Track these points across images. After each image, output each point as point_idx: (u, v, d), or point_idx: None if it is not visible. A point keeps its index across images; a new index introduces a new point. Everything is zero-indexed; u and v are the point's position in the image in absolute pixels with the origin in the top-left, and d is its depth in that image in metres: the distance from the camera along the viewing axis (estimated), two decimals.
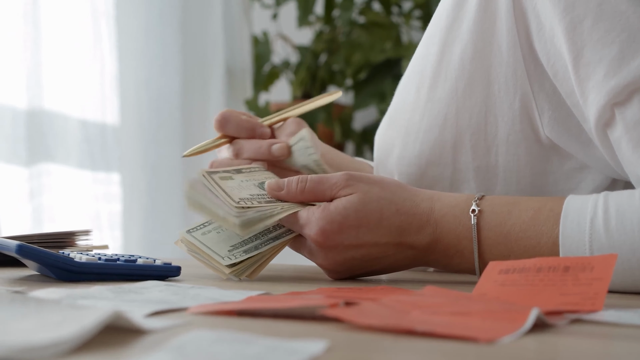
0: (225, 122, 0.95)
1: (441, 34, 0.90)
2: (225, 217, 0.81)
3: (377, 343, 0.47)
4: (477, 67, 0.86)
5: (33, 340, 0.41)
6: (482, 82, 0.86)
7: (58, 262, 0.77)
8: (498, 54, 0.85)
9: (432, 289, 0.64)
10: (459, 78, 0.87)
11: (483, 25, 0.86)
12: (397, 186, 0.81)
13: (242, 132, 0.95)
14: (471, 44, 0.86)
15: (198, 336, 0.45)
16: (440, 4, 0.94)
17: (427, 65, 0.91)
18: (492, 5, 0.85)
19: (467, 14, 0.87)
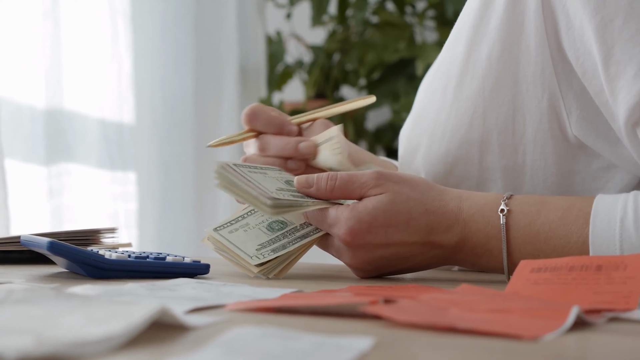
0: (254, 116, 0.95)
1: (468, 33, 0.90)
2: (257, 197, 0.80)
3: (420, 340, 0.47)
4: (505, 66, 0.86)
5: (84, 335, 0.42)
6: (510, 81, 0.86)
7: (89, 259, 0.77)
8: (526, 53, 0.85)
9: (467, 287, 0.64)
10: (486, 77, 0.88)
11: (511, 24, 0.86)
12: (426, 185, 0.81)
13: (270, 128, 0.96)
14: (499, 42, 0.87)
15: (244, 332, 0.46)
16: (467, 3, 0.94)
17: (454, 64, 0.91)
18: (521, 4, 0.85)
19: (495, 13, 0.87)
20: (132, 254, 0.81)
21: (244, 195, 0.82)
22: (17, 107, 1.68)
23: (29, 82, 1.70)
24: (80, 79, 1.81)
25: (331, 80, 2.39)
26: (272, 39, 2.40)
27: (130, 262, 0.79)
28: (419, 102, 0.99)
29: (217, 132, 2.20)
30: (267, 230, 0.84)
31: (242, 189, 0.82)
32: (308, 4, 2.46)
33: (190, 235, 2.13)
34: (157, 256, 0.81)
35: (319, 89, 2.41)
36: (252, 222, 0.86)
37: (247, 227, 0.85)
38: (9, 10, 1.64)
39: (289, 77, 2.41)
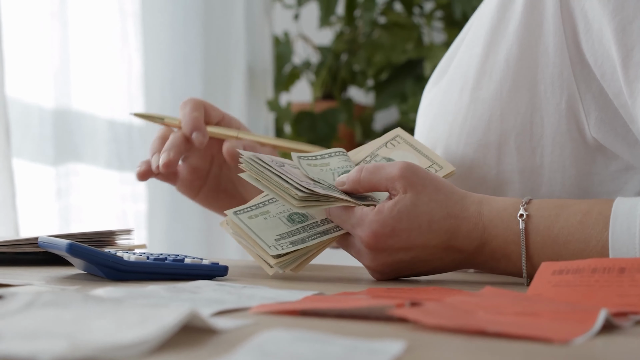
0: (184, 106, 0.97)
1: (485, 35, 0.90)
2: (283, 185, 0.80)
3: (452, 343, 0.47)
4: (523, 68, 0.86)
5: (118, 339, 0.41)
6: (528, 83, 0.86)
7: (108, 261, 0.77)
8: (544, 55, 0.85)
9: (492, 290, 0.64)
10: (504, 79, 0.87)
11: (529, 27, 0.86)
12: (449, 188, 0.81)
13: (185, 127, 0.97)
14: (517, 45, 0.87)
15: (275, 336, 0.46)
16: (483, 6, 0.94)
17: (471, 66, 0.91)
18: (539, 7, 0.85)
19: (513, 15, 0.87)
20: (150, 256, 0.81)
21: (271, 186, 0.81)
22: (25, 107, 1.68)
23: (38, 82, 1.70)
24: (90, 80, 1.81)
25: (338, 81, 2.39)
26: (279, 40, 2.40)
27: (149, 264, 0.79)
28: (435, 105, 0.98)
29: None
30: (287, 221, 0.83)
31: (272, 179, 0.81)
32: (315, 5, 2.45)
33: (200, 236, 2.12)
34: (175, 258, 0.81)
35: (327, 89, 2.40)
36: (273, 211, 0.85)
37: (268, 214, 0.84)
38: (17, 10, 1.63)
39: (297, 78, 2.41)
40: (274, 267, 0.81)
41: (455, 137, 0.91)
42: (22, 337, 0.42)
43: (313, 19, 2.45)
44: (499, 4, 0.89)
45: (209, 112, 0.98)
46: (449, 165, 0.88)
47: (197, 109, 0.96)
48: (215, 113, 0.99)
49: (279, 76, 2.38)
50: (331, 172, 0.86)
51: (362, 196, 0.83)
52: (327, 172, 0.86)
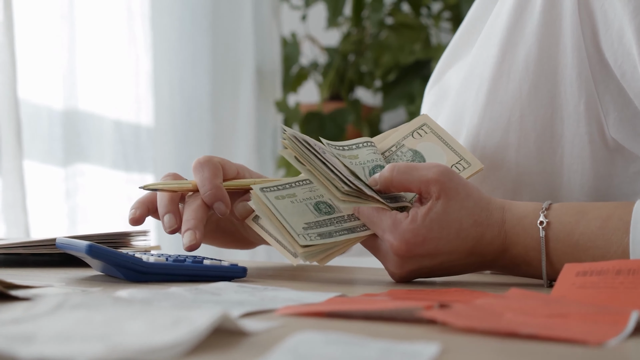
0: (199, 168, 0.88)
1: (502, 36, 0.89)
2: (330, 175, 0.78)
3: (484, 345, 0.47)
4: (543, 68, 0.86)
5: (153, 341, 0.41)
6: (548, 84, 0.86)
7: (127, 262, 0.77)
8: (564, 56, 0.84)
9: (517, 292, 0.63)
10: (523, 80, 0.87)
11: (548, 27, 0.85)
12: (478, 194, 0.79)
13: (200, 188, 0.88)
14: (536, 45, 0.86)
15: (308, 338, 0.45)
16: (499, 5, 0.93)
17: (486, 67, 0.90)
18: (558, 6, 0.85)
19: (531, 16, 0.87)
20: (169, 257, 0.81)
21: (315, 172, 0.79)
22: (35, 108, 1.68)
23: (48, 83, 1.70)
24: (97, 81, 1.81)
25: (346, 81, 2.39)
26: (286, 41, 2.40)
27: (168, 265, 0.79)
28: (451, 106, 0.97)
29: (233, 133, 2.20)
30: (314, 210, 0.81)
31: (317, 164, 0.79)
32: (322, 6, 2.45)
33: None
34: (194, 259, 0.81)
35: (334, 90, 2.40)
36: (300, 195, 0.82)
37: (294, 198, 0.82)
38: (27, 12, 1.63)
39: (304, 79, 2.41)
40: (298, 256, 0.79)
41: (472, 140, 0.91)
42: (55, 339, 0.42)
43: (320, 20, 2.45)
44: (514, 4, 0.89)
45: (226, 171, 0.90)
46: (477, 162, 0.86)
47: (216, 175, 0.87)
48: (230, 170, 0.90)
49: (287, 77, 2.38)
50: (361, 166, 0.84)
51: (392, 195, 0.82)
52: (357, 165, 0.84)
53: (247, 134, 2.21)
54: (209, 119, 2.14)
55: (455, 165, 0.85)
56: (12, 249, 0.92)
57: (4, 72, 1.48)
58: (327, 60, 2.41)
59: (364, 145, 0.87)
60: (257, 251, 2.20)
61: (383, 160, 0.86)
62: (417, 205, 0.79)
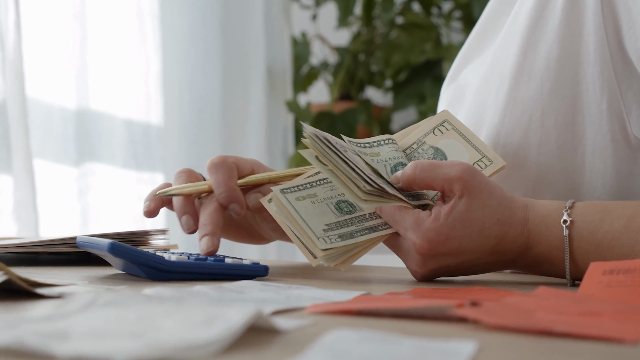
0: (214, 169, 0.89)
1: (523, 34, 0.89)
2: (352, 175, 0.77)
3: (520, 343, 0.47)
4: (565, 66, 0.85)
5: (190, 339, 0.41)
6: (570, 82, 0.85)
7: (149, 261, 0.77)
8: (586, 54, 0.84)
9: (546, 290, 0.63)
10: (545, 78, 0.86)
11: (570, 25, 0.85)
12: (500, 192, 0.79)
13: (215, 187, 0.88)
14: (558, 43, 0.86)
15: (343, 336, 0.45)
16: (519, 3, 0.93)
17: (507, 66, 0.90)
18: (580, 4, 0.84)
19: (553, 14, 0.86)
20: (190, 256, 0.81)
21: (336, 171, 0.78)
22: (48, 107, 1.68)
23: (60, 83, 1.70)
24: (108, 80, 1.81)
25: (356, 81, 2.38)
26: (297, 41, 2.40)
27: (190, 264, 0.78)
28: (470, 106, 0.97)
29: (244, 133, 2.19)
30: (335, 210, 0.81)
31: (338, 164, 0.78)
32: (331, 6, 2.45)
33: None
34: (216, 258, 0.81)
35: (344, 90, 2.40)
36: (321, 195, 0.82)
37: (315, 198, 0.81)
38: (40, 12, 1.63)
39: (314, 79, 2.41)
40: (318, 259, 0.78)
41: (492, 139, 0.90)
42: (90, 337, 0.42)
43: (330, 20, 2.45)
44: (535, 2, 0.88)
45: (240, 170, 0.90)
46: (499, 159, 0.85)
47: (231, 176, 0.87)
48: (244, 168, 0.90)
49: (297, 77, 2.38)
50: (383, 164, 0.84)
51: (414, 193, 0.82)
52: (379, 163, 0.84)
53: (257, 134, 2.21)
54: (219, 119, 2.14)
55: (477, 162, 0.85)
56: (32, 247, 0.92)
57: (13, 72, 1.48)
58: (338, 60, 2.41)
59: (386, 142, 0.87)
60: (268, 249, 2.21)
61: (405, 158, 0.85)
62: (439, 203, 0.79)
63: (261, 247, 2.22)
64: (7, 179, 1.44)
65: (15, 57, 1.47)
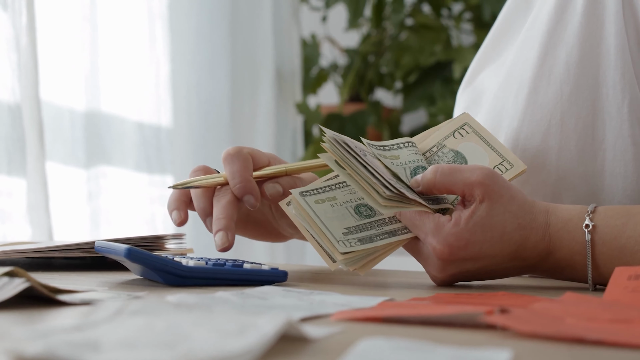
0: (229, 160, 0.88)
1: (542, 38, 0.88)
2: (371, 180, 0.77)
3: (553, 351, 0.46)
4: (584, 70, 0.85)
5: (224, 348, 0.40)
6: (590, 86, 0.85)
7: (166, 266, 0.76)
8: (606, 57, 0.83)
9: (573, 295, 0.62)
10: (565, 82, 0.86)
11: (590, 29, 0.84)
12: (521, 197, 0.78)
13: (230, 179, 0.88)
14: (577, 47, 0.85)
15: (375, 344, 0.44)
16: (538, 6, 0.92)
17: (526, 69, 0.89)
18: (600, 7, 0.84)
19: (573, 18, 0.86)
20: (209, 261, 0.80)
21: (355, 176, 0.78)
22: (58, 110, 1.67)
23: (70, 85, 1.70)
24: (118, 82, 1.81)
25: (365, 83, 2.38)
26: (306, 42, 2.39)
27: (208, 269, 0.78)
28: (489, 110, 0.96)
29: (253, 135, 2.19)
30: (354, 213, 0.80)
31: (358, 169, 0.78)
32: (340, 7, 2.44)
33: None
34: (234, 263, 0.80)
35: (354, 92, 2.39)
36: (340, 198, 0.81)
37: (334, 201, 0.81)
38: (50, 14, 1.63)
39: (324, 81, 2.40)
40: (337, 262, 0.78)
41: (511, 143, 0.90)
42: (121, 347, 0.41)
43: (339, 21, 2.44)
44: (555, 5, 0.88)
45: (256, 162, 0.89)
46: (520, 163, 0.84)
47: (246, 168, 0.87)
48: (260, 159, 0.90)
49: (307, 79, 2.37)
50: (402, 167, 0.83)
51: (434, 197, 0.81)
52: (398, 166, 0.83)
53: (266, 136, 2.20)
54: (228, 121, 2.13)
55: (498, 166, 0.84)
56: (49, 252, 0.91)
57: (27, 74, 1.48)
58: (347, 62, 2.40)
59: (405, 145, 0.86)
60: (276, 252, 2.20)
61: (424, 161, 0.85)
62: (459, 208, 0.78)
63: (270, 250, 2.21)
64: (21, 181, 1.44)
65: (30, 60, 1.46)
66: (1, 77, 1.41)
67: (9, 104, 1.41)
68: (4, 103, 1.41)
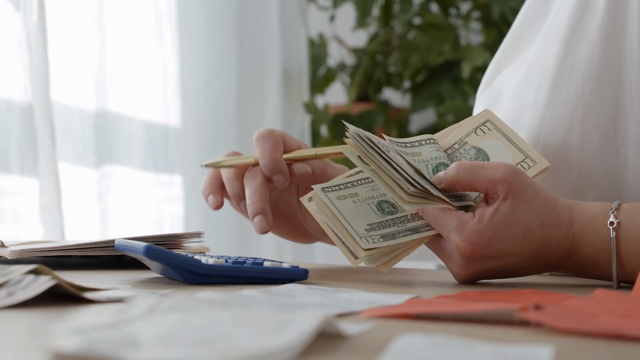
0: (261, 140, 0.91)
1: (563, 34, 0.88)
2: (395, 176, 0.76)
3: (593, 348, 0.46)
4: (607, 67, 0.84)
5: (264, 346, 0.40)
6: (612, 83, 0.84)
7: (186, 264, 0.76)
8: (629, 54, 0.83)
9: (604, 292, 0.62)
10: (586, 79, 0.85)
11: (612, 25, 0.84)
12: (545, 194, 0.78)
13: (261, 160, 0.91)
14: (600, 43, 0.85)
15: (415, 341, 0.44)
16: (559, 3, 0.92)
17: (547, 66, 0.89)
18: (622, 3, 0.83)
19: (595, 14, 0.85)
20: (228, 259, 0.80)
21: (379, 172, 0.77)
22: (68, 110, 1.67)
23: (80, 85, 1.69)
24: (126, 82, 1.80)
25: (373, 82, 2.37)
26: (314, 42, 2.39)
27: (228, 267, 0.77)
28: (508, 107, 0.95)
29: None
30: (376, 210, 0.80)
31: (381, 164, 0.77)
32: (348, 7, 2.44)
33: (236, 238, 2.11)
34: (254, 261, 0.80)
35: (362, 91, 2.39)
36: (362, 194, 0.81)
37: (356, 198, 0.80)
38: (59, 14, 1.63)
39: (332, 80, 2.40)
40: (360, 259, 0.77)
41: (532, 140, 0.89)
42: (160, 344, 0.41)
43: (346, 21, 2.44)
44: (576, 2, 0.87)
45: (287, 144, 0.91)
46: (542, 160, 0.83)
47: (277, 148, 0.89)
48: (291, 143, 0.92)
49: (314, 78, 2.37)
50: (424, 164, 0.83)
51: (456, 194, 0.81)
52: (420, 163, 0.83)
53: None
54: (235, 121, 2.13)
55: (521, 163, 0.84)
56: (69, 250, 0.91)
57: (39, 74, 1.47)
58: (355, 62, 2.40)
59: (427, 142, 0.86)
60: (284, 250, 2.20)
61: (446, 158, 0.84)
62: (482, 205, 0.78)
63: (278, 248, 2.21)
64: (34, 182, 1.43)
65: (41, 60, 1.46)
66: (14, 77, 1.41)
67: (21, 104, 1.41)
68: (17, 103, 1.41)
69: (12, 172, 1.40)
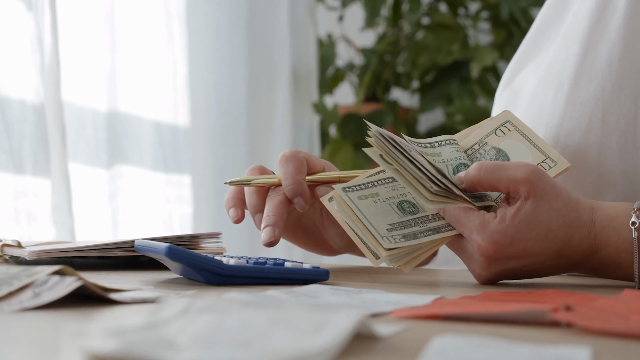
0: (285, 162, 0.89)
1: (583, 34, 0.87)
2: (418, 174, 0.76)
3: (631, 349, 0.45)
4: (627, 67, 0.84)
5: (303, 347, 0.40)
6: (632, 82, 0.84)
7: (207, 265, 0.76)
8: None
9: (631, 293, 0.62)
10: (606, 78, 0.85)
11: (633, 25, 0.84)
12: (566, 194, 0.77)
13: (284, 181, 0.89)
14: (620, 43, 0.84)
15: (452, 342, 0.44)
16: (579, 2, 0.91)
17: (567, 66, 0.89)
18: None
19: (615, 13, 0.85)
20: (249, 260, 0.80)
21: (403, 171, 0.77)
22: (79, 110, 1.67)
23: (91, 85, 1.69)
24: (136, 83, 1.80)
25: (382, 82, 2.37)
26: (322, 42, 2.39)
27: (250, 268, 0.77)
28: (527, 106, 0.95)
29: (270, 135, 2.18)
30: (397, 210, 0.79)
31: (405, 163, 0.77)
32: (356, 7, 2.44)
33: (245, 238, 2.11)
34: (275, 262, 0.80)
35: (370, 91, 2.39)
36: (383, 194, 0.81)
37: (377, 197, 0.80)
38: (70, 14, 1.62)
39: (340, 80, 2.40)
40: (381, 259, 0.77)
41: (551, 140, 0.89)
42: (198, 345, 0.41)
43: (355, 21, 2.43)
44: (596, 1, 0.87)
45: (311, 166, 0.91)
46: (563, 160, 0.83)
47: (299, 171, 0.88)
48: (315, 165, 0.91)
49: (323, 79, 2.37)
50: (444, 164, 0.83)
51: (477, 194, 0.80)
52: (440, 163, 0.82)
53: (283, 136, 2.20)
54: (245, 121, 2.13)
55: (541, 164, 0.83)
56: (88, 251, 0.91)
57: (50, 75, 1.47)
58: (363, 62, 2.39)
59: (447, 142, 0.85)
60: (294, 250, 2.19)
61: (467, 159, 0.84)
62: (504, 205, 0.77)
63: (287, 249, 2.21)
64: (46, 182, 1.43)
65: (53, 60, 1.46)
66: (26, 78, 1.41)
67: (33, 104, 1.41)
68: (29, 103, 1.41)
69: (26, 172, 1.40)
